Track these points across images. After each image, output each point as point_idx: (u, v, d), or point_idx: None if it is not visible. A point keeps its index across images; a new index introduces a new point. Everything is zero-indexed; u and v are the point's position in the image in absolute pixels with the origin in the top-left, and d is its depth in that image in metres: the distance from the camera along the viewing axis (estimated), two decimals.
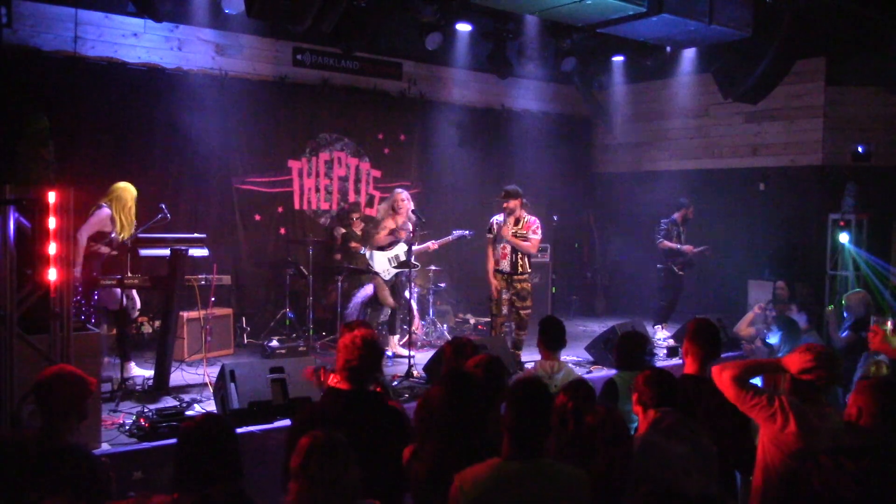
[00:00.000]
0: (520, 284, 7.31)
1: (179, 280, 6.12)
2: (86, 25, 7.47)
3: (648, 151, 11.33)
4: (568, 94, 11.53)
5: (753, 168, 10.04)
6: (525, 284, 7.34)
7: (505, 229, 7.24)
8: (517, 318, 7.36)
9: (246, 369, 5.25)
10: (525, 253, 7.29)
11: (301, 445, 2.44)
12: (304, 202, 9.18)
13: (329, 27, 6.69)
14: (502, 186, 7.52)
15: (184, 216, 7.88)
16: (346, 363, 3.12)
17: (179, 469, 2.52)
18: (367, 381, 3.23)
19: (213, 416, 2.97)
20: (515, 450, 2.60)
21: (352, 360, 3.11)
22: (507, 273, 7.31)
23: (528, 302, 7.34)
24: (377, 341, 3.22)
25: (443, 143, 9.99)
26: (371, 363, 3.17)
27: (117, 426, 4.96)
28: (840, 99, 9.33)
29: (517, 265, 7.29)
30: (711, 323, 4.00)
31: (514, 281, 7.30)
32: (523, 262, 7.31)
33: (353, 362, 3.11)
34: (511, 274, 7.30)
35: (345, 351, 3.14)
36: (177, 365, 6.50)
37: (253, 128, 8.65)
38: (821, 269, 9.00)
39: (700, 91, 10.26)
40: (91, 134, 7.47)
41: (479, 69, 9.89)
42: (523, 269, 7.32)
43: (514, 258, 7.28)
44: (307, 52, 9.00)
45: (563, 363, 4.64)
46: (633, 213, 10.85)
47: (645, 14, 6.85)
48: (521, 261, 7.30)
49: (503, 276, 7.33)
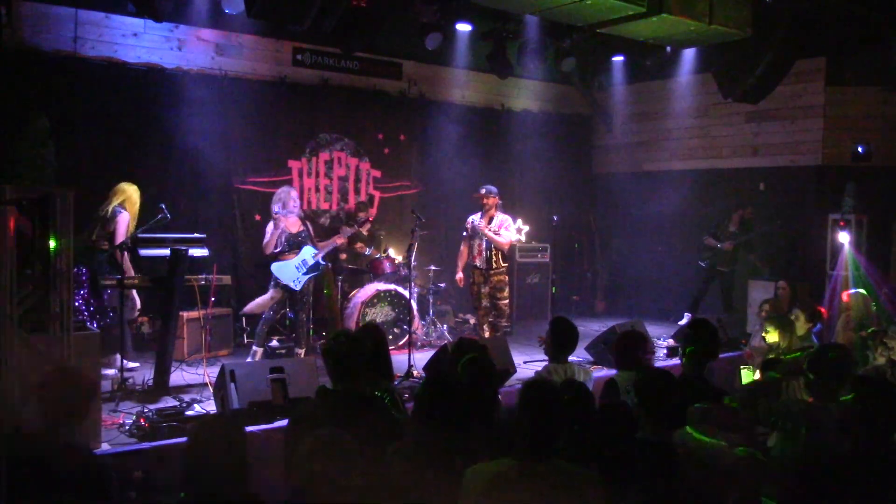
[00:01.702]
0: (496, 278, 7.88)
1: (179, 280, 6.12)
2: (86, 25, 7.47)
3: (648, 151, 11.33)
4: (568, 94, 11.53)
5: (753, 168, 10.04)
6: (501, 277, 7.92)
7: (482, 226, 7.80)
8: (497, 310, 7.90)
9: (246, 369, 5.26)
10: (498, 248, 7.81)
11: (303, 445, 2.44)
12: (304, 202, 9.17)
13: (329, 27, 6.68)
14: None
15: (184, 216, 7.86)
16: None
17: (187, 468, 2.51)
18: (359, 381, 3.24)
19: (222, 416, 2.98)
20: (527, 450, 2.64)
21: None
22: (483, 269, 7.88)
23: (505, 293, 7.95)
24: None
25: (443, 143, 9.99)
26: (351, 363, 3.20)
27: (117, 426, 4.97)
28: (840, 99, 9.32)
29: (491, 261, 7.83)
30: (709, 323, 4.00)
31: (491, 275, 7.86)
32: (497, 258, 7.85)
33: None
34: (487, 269, 7.86)
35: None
36: (177, 365, 6.50)
37: (253, 128, 8.65)
38: (821, 269, 9.00)
39: (700, 91, 10.25)
40: (91, 134, 7.46)
41: (479, 69, 9.89)
42: (498, 265, 7.87)
43: (488, 254, 7.84)
44: (307, 52, 9.00)
45: (572, 364, 4.62)
46: (633, 213, 10.86)
47: (645, 14, 6.84)
48: (496, 256, 7.84)
49: (480, 271, 7.91)
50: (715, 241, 9.21)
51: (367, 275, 8.44)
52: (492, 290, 7.85)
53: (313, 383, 5.26)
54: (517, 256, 10.45)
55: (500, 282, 7.87)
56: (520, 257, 10.44)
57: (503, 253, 7.88)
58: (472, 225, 7.91)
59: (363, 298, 7.92)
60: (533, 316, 10.31)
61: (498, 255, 7.84)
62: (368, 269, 8.44)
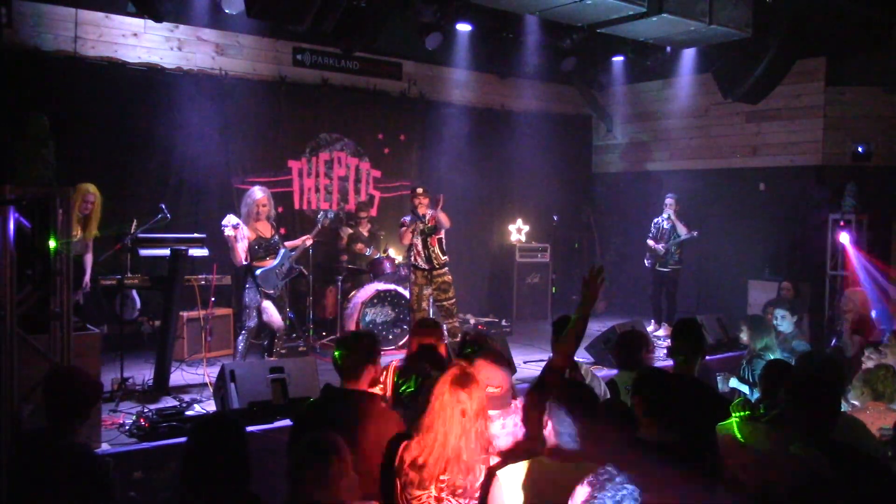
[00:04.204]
0: (440, 279, 7.44)
1: (179, 280, 6.12)
2: (86, 25, 7.48)
3: (648, 151, 11.33)
4: (568, 94, 11.53)
5: (753, 168, 10.04)
6: (446, 277, 7.47)
7: (432, 218, 7.35)
8: (445, 311, 7.45)
9: (246, 369, 5.26)
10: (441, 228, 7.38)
11: (297, 446, 2.45)
12: (304, 202, 9.18)
13: (329, 27, 6.68)
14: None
15: (184, 216, 7.87)
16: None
17: (187, 468, 2.51)
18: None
19: (223, 416, 2.98)
20: (557, 450, 2.63)
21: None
22: (425, 269, 7.42)
23: (451, 293, 7.47)
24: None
25: (443, 143, 9.99)
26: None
27: (117, 426, 4.97)
28: (840, 99, 9.32)
29: (432, 259, 7.40)
30: (694, 321, 4.03)
31: (435, 276, 7.43)
32: (437, 255, 7.41)
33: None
34: (430, 269, 7.41)
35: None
36: (177, 365, 6.50)
37: (253, 128, 8.65)
38: (821, 269, 9.00)
39: (700, 91, 10.25)
40: (91, 134, 7.47)
41: (479, 69, 9.89)
42: (440, 263, 7.43)
43: (426, 252, 7.40)
44: (307, 52, 9.00)
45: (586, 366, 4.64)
46: (633, 213, 10.85)
47: (645, 14, 6.84)
48: (435, 254, 7.40)
49: (422, 272, 7.43)
50: (654, 242, 9.25)
51: (367, 275, 8.44)
52: (436, 290, 7.51)
53: (313, 383, 5.27)
54: (517, 256, 10.46)
55: (445, 282, 7.52)
56: (520, 257, 10.44)
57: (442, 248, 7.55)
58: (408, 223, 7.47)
59: (363, 298, 7.92)
60: (533, 316, 10.31)
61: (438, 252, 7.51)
62: (368, 269, 8.44)
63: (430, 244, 7.40)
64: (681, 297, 9.35)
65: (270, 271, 6.47)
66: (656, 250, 9.21)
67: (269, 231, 6.57)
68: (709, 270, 10.01)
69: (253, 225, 6.42)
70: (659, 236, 9.23)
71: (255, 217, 6.42)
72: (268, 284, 6.45)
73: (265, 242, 6.49)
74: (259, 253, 6.43)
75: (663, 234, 9.20)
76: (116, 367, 5.88)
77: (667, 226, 9.18)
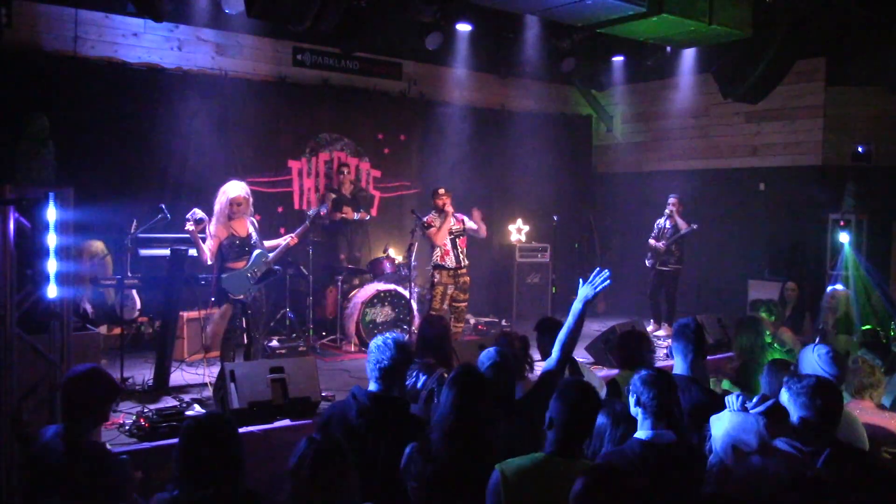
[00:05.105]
0: (462, 279, 7.70)
1: (179, 280, 6.11)
2: (86, 25, 7.48)
3: (648, 151, 11.33)
4: (568, 94, 11.53)
5: (753, 168, 10.04)
6: (467, 279, 7.75)
7: (459, 221, 7.67)
8: (456, 312, 7.68)
9: (246, 369, 5.25)
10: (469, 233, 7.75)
11: (298, 449, 2.45)
12: (304, 202, 9.17)
13: (329, 27, 6.68)
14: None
15: (184, 216, 7.84)
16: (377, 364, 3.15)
17: (181, 467, 2.51)
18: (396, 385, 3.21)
19: (215, 415, 2.98)
20: (561, 447, 2.67)
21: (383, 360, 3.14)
22: (452, 269, 7.64)
23: (466, 296, 7.80)
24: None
25: (443, 143, 9.99)
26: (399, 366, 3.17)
27: (117, 426, 4.96)
28: (840, 99, 9.32)
29: (460, 258, 7.66)
30: (693, 322, 4.03)
31: (459, 276, 7.67)
32: (463, 256, 7.69)
33: (385, 362, 3.14)
34: (456, 269, 7.65)
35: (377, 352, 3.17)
36: (177, 365, 6.49)
37: (253, 128, 8.65)
38: (821, 269, 8.99)
39: (700, 91, 10.25)
40: (91, 134, 7.46)
41: (479, 69, 9.89)
42: (465, 264, 7.72)
43: (455, 252, 7.64)
44: (307, 52, 9.00)
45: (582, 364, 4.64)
46: (633, 213, 10.85)
47: (645, 14, 6.85)
48: (463, 255, 7.68)
49: (449, 272, 7.64)
50: (655, 241, 9.25)
51: (367, 275, 8.44)
52: (457, 290, 7.73)
53: (313, 383, 5.27)
54: (517, 256, 10.45)
55: (465, 283, 7.77)
56: (520, 257, 10.44)
57: (466, 251, 7.81)
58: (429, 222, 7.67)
59: (363, 298, 7.91)
60: (533, 316, 10.28)
61: (464, 254, 7.77)
62: (368, 269, 8.44)
63: (458, 245, 7.65)
64: (681, 297, 9.34)
65: (240, 274, 5.92)
66: (657, 248, 9.21)
67: (246, 230, 5.98)
68: (709, 270, 10.01)
69: (225, 223, 5.87)
70: (660, 236, 9.23)
71: (228, 215, 5.87)
72: (236, 289, 5.91)
73: (238, 242, 5.92)
74: (229, 254, 5.88)
75: (664, 233, 9.20)
76: (116, 367, 5.88)
77: (668, 225, 9.19)
